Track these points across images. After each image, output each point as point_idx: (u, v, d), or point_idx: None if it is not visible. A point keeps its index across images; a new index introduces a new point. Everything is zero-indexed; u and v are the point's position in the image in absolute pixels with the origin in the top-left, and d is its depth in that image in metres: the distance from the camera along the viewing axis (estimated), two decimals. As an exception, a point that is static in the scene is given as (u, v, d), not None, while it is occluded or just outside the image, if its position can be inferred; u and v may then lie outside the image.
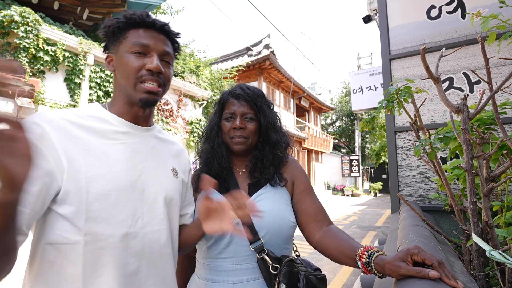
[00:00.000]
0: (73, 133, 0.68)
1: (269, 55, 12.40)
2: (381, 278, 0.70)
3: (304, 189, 0.99)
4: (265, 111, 1.00)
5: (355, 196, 17.58)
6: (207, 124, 1.08)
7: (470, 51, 2.40)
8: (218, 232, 0.75)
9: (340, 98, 24.64)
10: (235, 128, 0.97)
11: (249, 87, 1.03)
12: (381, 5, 2.84)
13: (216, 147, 1.02)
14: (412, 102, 1.52)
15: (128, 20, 0.76)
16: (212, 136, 1.04)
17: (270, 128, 1.00)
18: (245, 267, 0.88)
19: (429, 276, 0.57)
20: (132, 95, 0.76)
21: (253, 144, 1.00)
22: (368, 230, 6.95)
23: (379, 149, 13.72)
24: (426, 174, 2.50)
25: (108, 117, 0.77)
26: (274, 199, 0.93)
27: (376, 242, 3.43)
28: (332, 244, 0.84)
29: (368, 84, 7.07)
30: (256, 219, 0.89)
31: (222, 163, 1.00)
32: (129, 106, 0.79)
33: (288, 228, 0.92)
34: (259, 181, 0.97)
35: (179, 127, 7.79)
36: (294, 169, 1.02)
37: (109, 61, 0.80)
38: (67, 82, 5.58)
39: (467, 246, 1.23)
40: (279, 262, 0.86)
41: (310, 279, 0.83)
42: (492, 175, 1.08)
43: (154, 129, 0.86)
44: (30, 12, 4.90)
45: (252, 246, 0.87)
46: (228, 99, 1.02)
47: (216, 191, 0.98)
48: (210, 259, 0.92)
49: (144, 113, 0.81)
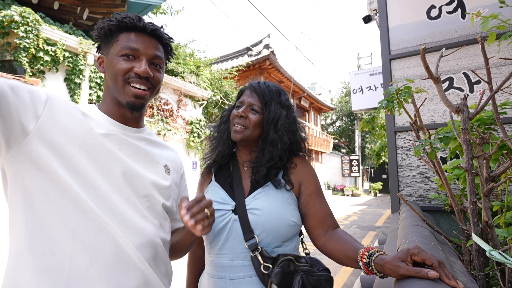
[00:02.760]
0: (69, 110, 0.70)
1: (269, 55, 12.39)
2: (382, 278, 0.70)
3: (313, 191, 0.96)
4: (271, 107, 0.98)
5: (355, 196, 17.58)
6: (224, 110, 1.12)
7: (470, 51, 2.40)
8: (208, 231, 0.74)
9: (340, 98, 24.62)
10: (237, 115, 0.98)
11: (268, 83, 1.03)
12: (381, 5, 2.84)
13: (221, 131, 1.05)
14: (412, 102, 1.52)
15: (120, 23, 0.77)
16: (222, 121, 1.08)
17: (270, 125, 0.97)
18: (241, 264, 0.88)
19: (428, 276, 0.57)
20: (120, 97, 0.77)
21: (252, 137, 0.98)
22: (368, 230, 6.94)
23: (379, 149, 13.71)
24: (426, 174, 2.50)
25: (99, 117, 0.77)
26: (273, 198, 0.92)
27: (376, 242, 3.43)
28: (336, 247, 0.84)
29: (368, 84, 7.06)
30: (251, 217, 0.89)
31: (221, 147, 1.02)
32: (117, 107, 0.80)
33: (287, 227, 0.90)
34: (259, 180, 0.96)
35: (179, 127, 7.79)
36: (302, 170, 0.99)
37: (100, 62, 0.82)
38: (67, 82, 5.58)
39: (467, 246, 1.23)
40: (273, 261, 0.85)
41: (309, 279, 0.81)
42: (492, 175, 1.08)
43: (144, 132, 0.87)
44: (30, 12, 4.90)
45: (247, 243, 0.87)
46: (244, 90, 1.04)
47: (220, 186, 0.99)
48: (212, 255, 0.93)
49: (132, 114, 0.81)
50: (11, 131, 0.60)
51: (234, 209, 0.92)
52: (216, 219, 0.92)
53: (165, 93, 7.61)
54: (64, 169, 0.64)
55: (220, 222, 0.92)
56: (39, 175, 0.63)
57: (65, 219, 0.63)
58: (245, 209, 0.90)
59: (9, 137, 0.61)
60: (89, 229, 0.65)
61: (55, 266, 0.62)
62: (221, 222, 0.91)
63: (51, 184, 0.64)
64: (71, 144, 0.66)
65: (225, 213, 0.92)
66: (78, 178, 0.65)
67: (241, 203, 0.92)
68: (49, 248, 0.62)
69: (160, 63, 0.81)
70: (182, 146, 7.92)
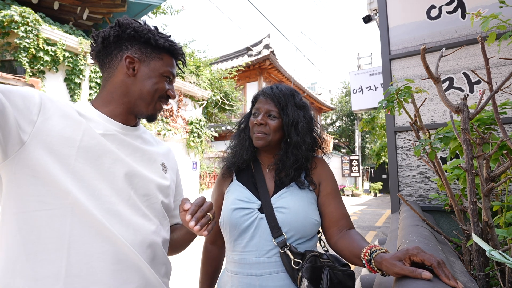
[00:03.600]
0: (66, 110, 0.69)
1: (269, 55, 12.39)
2: (383, 275, 0.71)
3: (331, 192, 1.00)
4: (288, 110, 1.00)
5: (355, 196, 17.58)
6: (240, 118, 1.15)
7: (470, 51, 2.40)
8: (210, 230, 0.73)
9: (340, 98, 24.60)
10: (256, 124, 1.00)
11: (280, 87, 1.04)
12: (381, 5, 2.84)
13: (242, 140, 1.07)
14: (412, 102, 1.52)
15: (170, 46, 0.81)
16: (240, 130, 1.10)
17: (291, 128, 1.00)
18: (267, 261, 0.90)
19: (421, 276, 0.57)
20: (141, 110, 0.80)
21: (274, 142, 1.01)
22: (368, 230, 6.94)
23: (379, 149, 13.70)
24: (426, 174, 2.50)
25: (95, 116, 0.76)
26: (298, 197, 0.95)
27: (376, 242, 3.43)
28: (345, 245, 0.87)
29: (368, 84, 7.06)
30: (279, 215, 0.92)
31: (244, 155, 1.04)
32: (126, 113, 0.80)
33: (312, 225, 0.93)
34: (285, 180, 0.98)
35: (179, 127, 7.78)
36: (321, 170, 1.03)
37: (130, 62, 0.77)
38: (67, 82, 5.58)
39: (467, 246, 1.23)
40: (302, 257, 0.87)
41: (335, 274, 0.84)
42: (492, 175, 1.08)
43: (139, 130, 0.87)
44: (30, 12, 4.90)
45: (275, 241, 0.89)
46: (258, 97, 1.06)
47: (243, 185, 1.01)
48: (236, 253, 0.94)
49: (136, 119, 0.84)
50: (7, 139, 0.58)
51: (260, 208, 0.94)
52: (242, 217, 0.94)
53: (165, 93, 7.60)
54: (62, 173, 0.63)
55: (246, 220, 0.93)
56: (36, 182, 0.62)
57: (61, 225, 0.62)
58: (272, 208, 0.93)
59: (6, 146, 0.59)
60: (86, 235, 0.64)
61: (50, 274, 0.61)
62: (247, 220, 0.93)
63: (48, 189, 0.62)
64: (69, 146, 0.65)
65: (251, 212, 0.94)
66: (77, 182, 0.64)
67: (267, 201, 0.94)
68: (44, 256, 0.61)
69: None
70: (182, 146, 7.91)
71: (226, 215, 0.97)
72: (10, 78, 4.66)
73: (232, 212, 0.95)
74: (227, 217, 0.96)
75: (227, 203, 1.00)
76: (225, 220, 0.97)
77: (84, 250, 0.63)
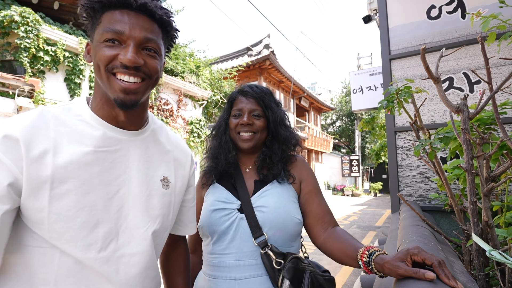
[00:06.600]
0: (48, 135, 0.59)
1: (269, 55, 12.39)
2: (382, 277, 0.70)
3: (312, 189, 0.99)
4: (273, 108, 1.02)
5: (355, 196, 17.57)
6: (216, 121, 1.11)
7: (470, 51, 2.40)
8: None
9: (340, 98, 24.61)
10: (242, 124, 0.98)
11: (257, 86, 1.05)
12: (381, 5, 2.84)
13: (224, 143, 1.03)
14: (412, 102, 1.52)
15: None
16: (220, 133, 1.06)
17: (279, 125, 1.02)
18: (248, 263, 0.88)
19: (425, 277, 0.57)
20: (107, 93, 0.63)
21: (261, 141, 1.02)
22: (368, 230, 6.94)
23: (379, 149, 13.70)
24: (426, 174, 2.50)
25: (89, 118, 0.65)
26: (280, 195, 0.94)
27: (376, 242, 3.43)
28: (336, 245, 0.85)
29: (368, 84, 7.05)
30: (259, 214, 0.90)
31: (228, 158, 1.01)
32: (108, 106, 0.66)
33: (294, 224, 0.91)
34: (267, 178, 0.98)
35: (179, 127, 7.79)
36: (302, 169, 1.03)
37: (88, 50, 0.67)
38: (67, 82, 5.58)
39: (467, 246, 1.23)
40: (283, 257, 0.86)
41: (317, 278, 0.83)
42: (492, 175, 1.08)
43: (147, 131, 0.73)
44: (30, 12, 4.90)
45: (256, 241, 0.87)
46: (237, 97, 1.04)
47: (223, 187, 0.99)
48: (215, 255, 0.92)
49: (126, 117, 0.66)
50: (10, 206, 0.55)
51: (240, 208, 0.93)
52: (221, 218, 0.92)
53: (165, 93, 7.61)
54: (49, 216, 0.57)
55: (226, 221, 0.91)
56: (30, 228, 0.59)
57: (45, 267, 0.58)
58: (252, 207, 0.91)
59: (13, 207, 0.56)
60: (70, 278, 0.59)
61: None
62: (226, 221, 0.91)
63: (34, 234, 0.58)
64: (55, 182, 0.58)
65: (230, 212, 0.92)
66: (56, 240, 0.58)
67: (247, 201, 0.93)
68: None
69: (154, 47, 0.64)
70: (182, 146, 7.91)
71: (205, 217, 0.94)
72: (10, 78, 4.66)
73: (211, 214, 0.93)
74: (206, 218, 0.93)
75: (206, 206, 0.97)
76: (204, 223, 0.93)
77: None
